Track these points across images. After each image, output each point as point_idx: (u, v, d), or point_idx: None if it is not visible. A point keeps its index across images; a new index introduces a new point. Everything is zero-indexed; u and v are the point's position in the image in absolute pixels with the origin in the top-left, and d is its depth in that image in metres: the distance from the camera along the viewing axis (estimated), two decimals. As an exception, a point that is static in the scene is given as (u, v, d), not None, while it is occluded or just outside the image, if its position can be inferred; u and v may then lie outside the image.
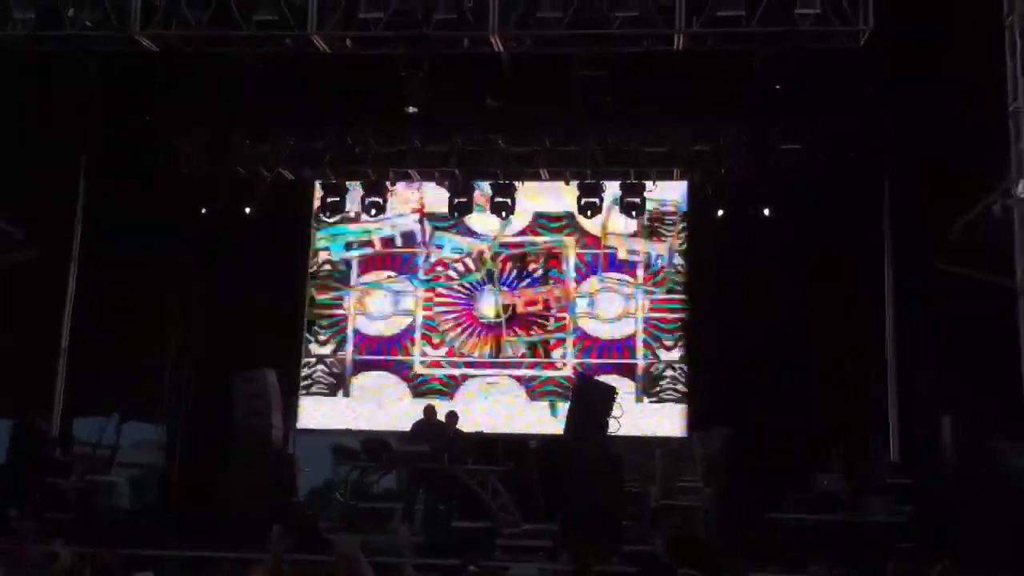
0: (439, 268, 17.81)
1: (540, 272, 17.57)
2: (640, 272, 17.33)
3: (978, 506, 11.41)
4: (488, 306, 17.56)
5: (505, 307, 17.50)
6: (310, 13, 12.41)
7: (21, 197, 14.86)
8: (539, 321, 17.46)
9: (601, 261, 17.45)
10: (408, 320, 17.74)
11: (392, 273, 17.85)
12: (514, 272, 17.60)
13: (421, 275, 17.78)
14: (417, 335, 17.65)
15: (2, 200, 14.75)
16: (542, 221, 17.65)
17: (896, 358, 15.08)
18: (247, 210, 16.87)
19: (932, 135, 13.46)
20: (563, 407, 16.70)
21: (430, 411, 15.23)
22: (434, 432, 14.74)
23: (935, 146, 13.40)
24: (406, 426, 15.31)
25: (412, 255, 17.86)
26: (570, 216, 17.34)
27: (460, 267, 17.76)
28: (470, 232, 17.68)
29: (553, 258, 17.58)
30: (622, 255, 17.39)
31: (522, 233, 17.67)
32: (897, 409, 14.96)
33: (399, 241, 17.90)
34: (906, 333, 14.98)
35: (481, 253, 17.68)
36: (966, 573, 7.45)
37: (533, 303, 17.53)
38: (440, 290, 17.73)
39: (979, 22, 10.76)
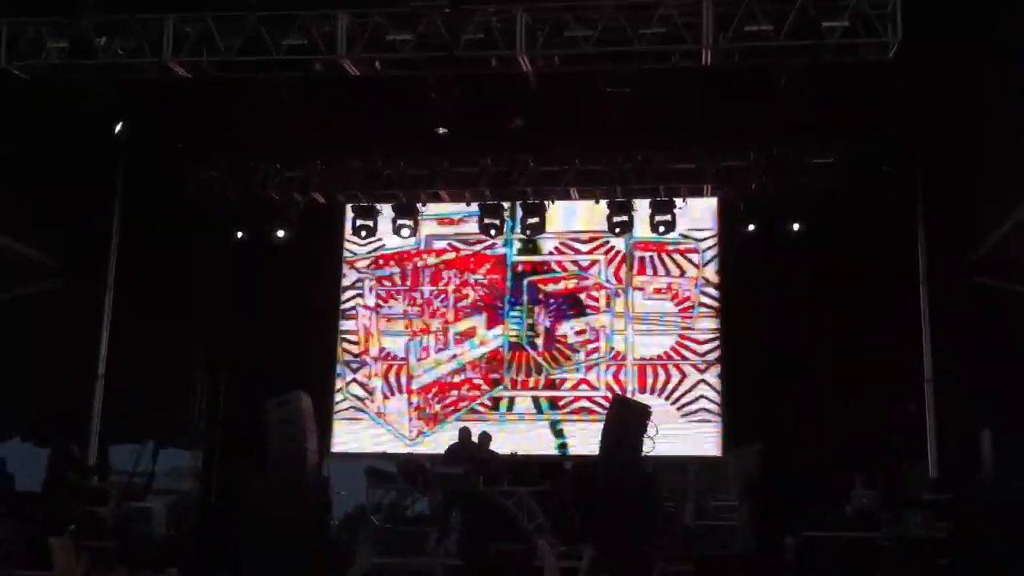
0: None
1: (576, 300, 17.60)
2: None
3: (1015, 522, 11.27)
4: (515, 329, 17.59)
5: (537, 329, 17.50)
6: (339, 36, 12.50)
7: (56, 224, 15.03)
8: (574, 345, 17.44)
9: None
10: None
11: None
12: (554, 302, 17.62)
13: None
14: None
15: (37, 229, 14.94)
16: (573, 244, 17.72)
17: (933, 373, 14.92)
18: (280, 234, 16.96)
19: (965, 146, 13.34)
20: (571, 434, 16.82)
21: (465, 433, 15.22)
22: (469, 454, 14.72)
23: (968, 158, 13.28)
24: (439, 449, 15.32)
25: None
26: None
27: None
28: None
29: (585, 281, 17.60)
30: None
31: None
32: (935, 424, 14.78)
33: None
34: (943, 347, 14.82)
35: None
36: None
37: (570, 328, 17.54)
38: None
39: (1011, 30, 10.66)
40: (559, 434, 17.17)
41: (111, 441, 16.34)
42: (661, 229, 16.34)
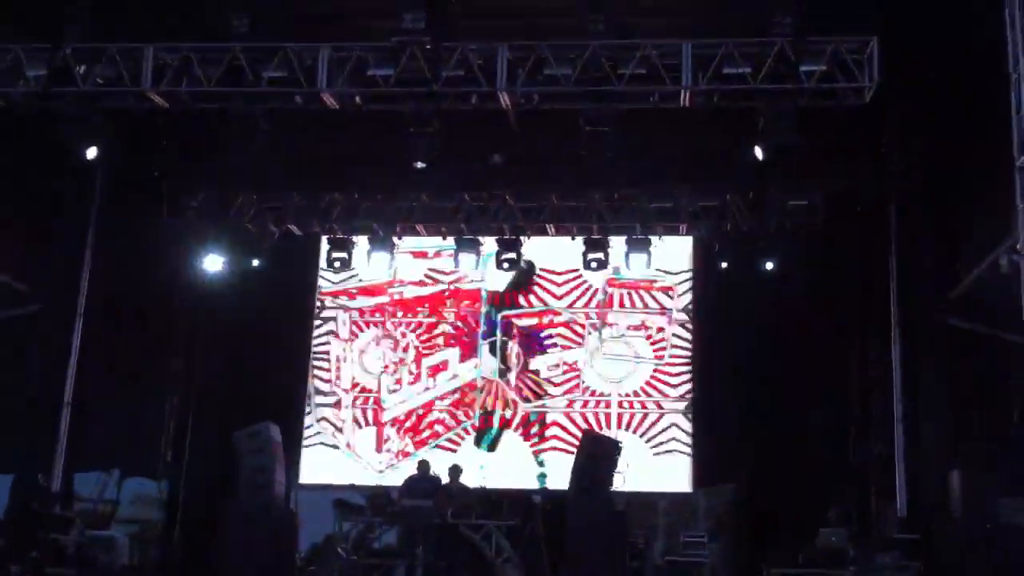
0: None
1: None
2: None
3: (984, 562, 11.36)
4: (488, 362, 17.62)
5: (510, 364, 17.55)
6: (320, 70, 12.52)
7: (27, 252, 14.91)
8: (549, 380, 17.51)
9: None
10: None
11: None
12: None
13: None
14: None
15: (8, 255, 14.81)
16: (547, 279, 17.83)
17: (903, 413, 15.02)
18: (255, 264, 16.91)
19: (939, 189, 13.52)
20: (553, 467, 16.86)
21: (424, 466, 15.18)
22: (428, 486, 14.69)
23: (942, 201, 13.46)
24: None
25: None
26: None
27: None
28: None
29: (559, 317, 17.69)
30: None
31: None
32: (904, 464, 14.88)
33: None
34: (914, 387, 14.94)
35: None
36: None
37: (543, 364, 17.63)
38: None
39: (984, 76, 10.84)
40: (540, 464, 17.22)
41: (77, 469, 16.16)
42: (636, 267, 16.45)
